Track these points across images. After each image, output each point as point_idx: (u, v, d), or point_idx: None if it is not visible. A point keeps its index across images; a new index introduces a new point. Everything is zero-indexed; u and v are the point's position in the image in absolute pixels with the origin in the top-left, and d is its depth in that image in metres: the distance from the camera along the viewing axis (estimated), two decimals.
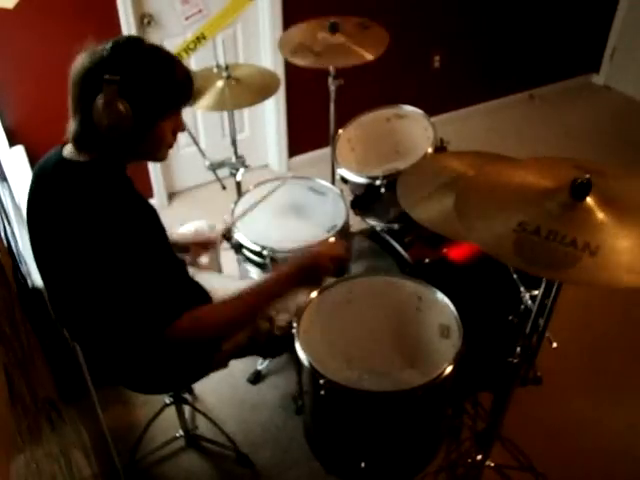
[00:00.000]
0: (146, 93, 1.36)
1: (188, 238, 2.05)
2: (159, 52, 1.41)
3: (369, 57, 2.28)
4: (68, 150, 1.44)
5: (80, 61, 1.36)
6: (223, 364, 1.86)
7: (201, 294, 1.78)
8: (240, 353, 1.89)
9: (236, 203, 2.28)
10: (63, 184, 1.41)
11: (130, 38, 1.40)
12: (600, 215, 1.21)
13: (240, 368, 2.51)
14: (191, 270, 1.93)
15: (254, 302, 1.55)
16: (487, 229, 1.27)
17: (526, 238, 1.20)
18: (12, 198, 2.24)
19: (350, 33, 2.37)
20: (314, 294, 1.78)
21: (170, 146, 1.51)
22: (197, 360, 1.76)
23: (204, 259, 2.10)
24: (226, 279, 2.10)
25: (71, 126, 1.40)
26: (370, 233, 2.41)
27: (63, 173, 1.42)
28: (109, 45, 1.35)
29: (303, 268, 1.60)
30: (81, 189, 1.38)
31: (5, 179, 2.37)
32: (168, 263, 1.52)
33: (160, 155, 1.52)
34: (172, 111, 1.44)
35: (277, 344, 1.88)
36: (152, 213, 1.46)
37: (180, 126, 1.49)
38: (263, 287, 1.57)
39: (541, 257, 1.18)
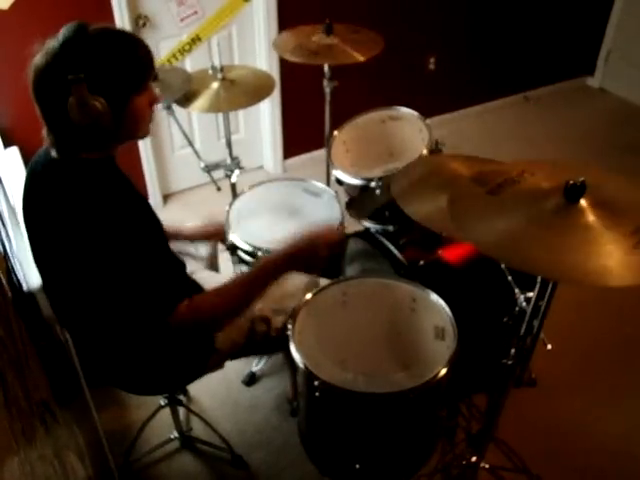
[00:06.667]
0: (114, 79, 1.33)
1: (199, 230, 2.09)
2: (112, 33, 1.38)
3: (360, 58, 2.32)
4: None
5: (36, 64, 1.31)
6: (219, 365, 1.86)
7: (198, 292, 1.78)
8: (237, 354, 1.88)
9: (231, 205, 2.28)
10: (54, 184, 1.40)
11: (78, 27, 1.31)
12: (592, 217, 1.22)
13: (235, 370, 2.51)
14: (189, 269, 1.92)
15: (250, 284, 1.56)
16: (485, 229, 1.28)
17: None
18: (6, 200, 2.23)
19: (344, 35, 2.39)
20: (309, 296, 1.78)
21: (150, 120, 1.50)
22: (193, 360, 1.75)
23: (203, 250, 2.10)
24: (224, 279, 2.09)
25: (47, 133, 1.38)
26: (365, 235, 2.41)
27: (53, 173, 1.41)
28: (59, 42, 1.29)
29: (299, 250, 1.60)
30: (72, 188, 1.38)
31: None
32: (163, 255, 1.52)
33: (143, 132, 1.50)
34: (142, 86, 1.42)
35: (273, 344, 1.88)
36: (143, 204, 1.47)
37: (154, 98, 1.48)
38: (259, 269, 1.59)
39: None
